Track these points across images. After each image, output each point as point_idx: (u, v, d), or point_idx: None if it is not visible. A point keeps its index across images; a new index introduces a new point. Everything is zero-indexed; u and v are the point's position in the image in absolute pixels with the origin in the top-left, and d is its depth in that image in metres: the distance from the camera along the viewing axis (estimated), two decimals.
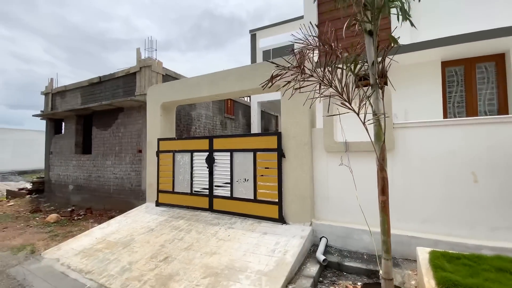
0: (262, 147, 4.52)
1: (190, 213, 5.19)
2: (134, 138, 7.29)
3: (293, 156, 4.24)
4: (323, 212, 4.15)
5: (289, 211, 4.24)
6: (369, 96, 2.24)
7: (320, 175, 4.19)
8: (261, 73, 4.59)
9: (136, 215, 5.42)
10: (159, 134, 5.97)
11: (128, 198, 7.27)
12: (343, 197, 4.00)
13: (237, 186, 4.78)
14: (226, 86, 5.02)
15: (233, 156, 4.85)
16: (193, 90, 5.47)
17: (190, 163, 5.41)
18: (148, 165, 6.11)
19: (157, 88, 6.08)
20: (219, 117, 10.24)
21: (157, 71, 7.13)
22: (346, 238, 3.87)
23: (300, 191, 4.17)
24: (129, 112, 7.41)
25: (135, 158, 7.24)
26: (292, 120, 4.28)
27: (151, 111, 6.13)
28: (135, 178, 7.20)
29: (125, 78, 7.62)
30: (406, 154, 3.65)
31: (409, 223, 3.61)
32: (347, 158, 3.88)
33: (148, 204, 5.98)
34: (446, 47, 4.70)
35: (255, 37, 11.71)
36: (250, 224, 4.40)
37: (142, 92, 7.10)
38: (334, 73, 2.32)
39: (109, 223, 5.13)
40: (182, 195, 5.47)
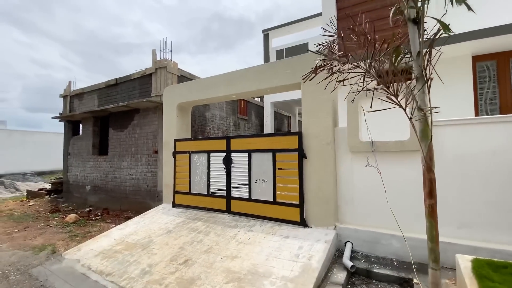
0: (282, 147, 4.38)
1: (207, 214, 5.10)
2: (150, 139, 7.31)
3: (315, 157, 4.07)
4: (347, 215, 3.95)
5: (311, 214, 4.07)
6: (412, 90, 2.05)
7: (343, 176, 4.00)
8: (280, 71, 4.47)
9: (153, 216, 5.39)
10: (176, 135, 5.93)
11: (144, 199, 7.28)
12: (369, 200, 3.80)
13: (256, 188, 4.65)
14: (244, 85, 4.92)
15: (251, 157, 4.73)
16: (209, 90, 5.40)
17: (207, 164, 5.34)
18: (164, 166, 6.09)
19: (173, 89, 6.05)
20: (233, 118, 10.17)
21: (172, 72, 7.13)
22: (373, 243, 3.66)
23: (323, 193, 4.00)
24: (145, 113, 7.44)
25: (151, 159, 7.25)
26: (314, 119, 4.12)
27: (167, 112, 6.11)
28: (151, 179, 7.21)
29: (141, 80, 7.66)
30: (441, 154, 3.41)
31: (443, 228, 3.35)
32: (375, 158, 3.68)
33: (164, 205, 5.95)
34: (477, 41, 4.42)
35: (268, 36, 11.59)
36: (269, 227, 4.26)
37: (157, 93, 7.11)
38: (380, 64, 2.16)
39: (127, 224, 5.11)
40: (198, 196, 5.40)
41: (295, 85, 4.43)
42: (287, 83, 4.42)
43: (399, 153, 3.61)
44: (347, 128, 3.95)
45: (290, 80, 4.39)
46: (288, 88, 4.61)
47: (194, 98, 5.65)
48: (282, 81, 4.48)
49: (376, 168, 3.62)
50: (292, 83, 4.38)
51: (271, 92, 4.92)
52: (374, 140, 3.73)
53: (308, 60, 4.21)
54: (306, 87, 4.20)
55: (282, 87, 4.58)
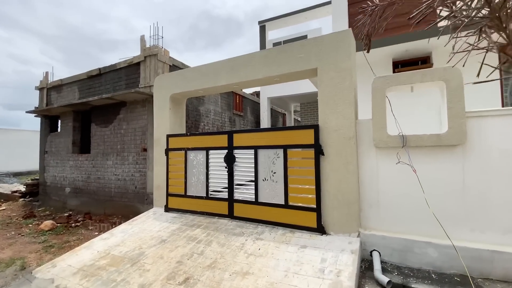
0: (295, 143, 3.82)
1: (206, 220, 4.48)
2: (138, 135, 6.57)
3: (335, 153, 3.54)
4: (371, 220, 3.45)
5: (330, 219, 3.55)
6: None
7: (367, 176, 3.49)
8: (292, 56, 3.91)
9: (143, 222, 4.70)
10: (168, 130, 5.25)
11: (132, 202, 6.54)
12: (399, 202, 3.31)
13: (263, 189, 4.07)
14: (248, 72, 4.32)
15: (258, 154, 4.14)
16: (207, 78, 4.76)
17: (205, 162, 4.70)
18: (156, 165, 5.39)
19: (166, 78, 5.36)
20: (228, 114, 9.54)
21: (163, 60, 6.41)
22: (404, 252, 3.17)
23: (344, 196, 3.47)
24: (133, 106, 6.68)
25: (140, 158, 6.51)
26: (332, 109, 3.58)
27: (158, 104, 5.41)
28: (140, 179, 6.47)
29: (128, 69, 6.89)
30: (482, 150, 2.96)
31: (487, 234, 2.92)
32: (407, 154, 3.19)
33: (155, 209, 5.26)
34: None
35: (264, 28, 11.01)
36: (281, 234, 3.70)
37: (147, 84, 6.38)
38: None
39: (112, 233, 4.40)
40: (196, 199, 4.76)
41: (309, 71, 3.88)
42: (300, 69, 3.86)
43: (434, 148, 3.13)
44: (372, 120, 3.44)
45: (303, 65, 3.84)
46: (301, 75, 4.06)
47: (190, 88, 4.99)
48: (294, 67, 3.91)
49: (410, 165, 3.13)
50: (306, 69, 3.83)
51: (280, 80, 4.34)
52: (404, 134, 3.24)
53: (326, 43, 3.67)
54: (324, 73, 3.66)
55: (293, 74, 4.02)
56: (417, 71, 3.23)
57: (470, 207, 2.98)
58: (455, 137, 3.00)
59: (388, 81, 3.36)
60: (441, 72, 3.09)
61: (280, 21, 10.79)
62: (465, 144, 3.01)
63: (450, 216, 3.04)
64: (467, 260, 2.87)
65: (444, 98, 3.17)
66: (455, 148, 3.06)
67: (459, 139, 2.99)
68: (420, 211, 3.17)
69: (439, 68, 3.12)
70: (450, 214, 3.04)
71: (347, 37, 3.55)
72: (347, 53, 3.53)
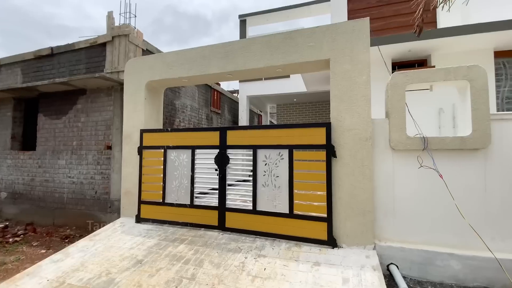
0: (303, 143, 3.34)
1: (191, 233, 3.75)
2: (101, 130, 5.49)
3: (349, 156, 3.14)
4: (387, 230, 3.12)
5: (342, 230, 3.13)
6: None
7: (381, 181, 3.16)
8: (301, 44, 3.44)
9: (108, 237, 3.78)
10: (143, 125, 4.38)
11: (90, 210, 5.43)
12: (417, 211, 3.02)
13: (263, 196, 3.51)
14: (247, 60, 3.73)
15: (257, 155, 3.57)
16: (195, 65, 4.05)
17: (190, 163, 3.97)
18: (125, 166, 4.47)
19: (141, 62, 4.48)
20: (205, 110, 8.76)
21: (136, 43, 5.46)
22: (425, 264, 2.89)
23: (358, 203, 3.09)
24: (95, 95, 5.58)
25: (102, 157, 5.44)
26: (347, 106, 3.19)
27: (130, 93, 4.50)
28: (101, 183, 5.41)
29: (90, 51, 5.75)
30: (506, 154, 2.81)
31: (506, 243, 2.76)
32: (431, 158, 2.91)
33: (124, 220, 4.34)
34: (498, 34, 4.09)
35: (245, 23, 10.46)
36: (286, 249, 3.18)
37: (114, 69, 5.36)
38: None
39: (68, 252, 3.42)
40: (177, 207, 3.99)
41: (320, 62, 3.44)
42: (310, 59, 3.41)
43: (457, 152, 2.91)
44: (390, 120, 3.12)
45: (313, 55, 3.39)
46: (309, 66, 3.61)
47: (172, 75, 4.21)
48: (302, 56, 3.44)
49: (435, 170, 2.86)
50: (316, 59, 3.38)
51: (283, 71, 3.84)
52: (425, 136, 2.97)
53: (340, 31, 3.27)
54: (338, 66, 3.25)
55: (300, 65, 3.54)
56: (441, 68, 3.00)
57: (491, 215, 2.80)
58: (480, 140, 2.81)
59: (408, 77, 3.07)
60: (466, 70, 2.89)
61: (261, 17, 10.35)
62: (488, 148, 2.83)
63: (472, 224, 2.83)
64: (491, 272, 2.69)
65: (465, 98, 2.98)
66: (477, 152, 2.87)
67: (483, 142, 2.80)
68: (441, 220, 2.92)
69: (463, 66, 2.92)
70: (471, 222, 2.84)
71: (364, 27, 3.19)
72: (364, 44, 3.17)
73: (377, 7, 4.82)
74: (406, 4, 4.57)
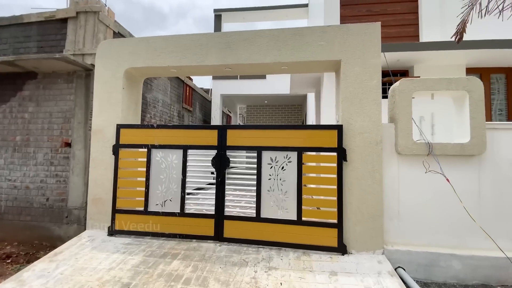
0: (312, 145, 3.17)
1: (182, 245, 3.27)
2: (56, 123, 4.52)
3: (360, 159, 3.09)
4: (392, 234, 3.14)
5: (352, 236, 3.05)
6: None
7: (387, 185, 3.18)
8: (312, 42, 3.29)
9: (75, 255, 3.05)
10: (119, 119, 3.71)
11: (39, 222, 4.41)
12: (420, 213, 3.11)
13: (268, 201, 3.24)
14: (252, 54, 3.43)
15: (261, 157, 3.28)
16: (189, 54, 3.58)
17: (181, 165, 3.47)
18: (94, 168, 3.72)
19: (119, 45, 3.79)
20: (177, 107, 8.07)
21: (106, 23, 4.66)
22: (429, 266, 2.98)
23: (368, 208, 3.05)
24: (49, 80, 4.58)
25: (57, 156, 4.49)
26: (358, 109, 3.13)
27: (104, 81, 3.77)
28: (56, 188, 4.45)
29: (44, 27, 4.70)
30: (496, 161, 3.07)
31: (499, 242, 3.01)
32: (437, 163, 3.02)
33: (92, 233, 3.59)
34: (469, 52, 4.59)
35: (220, 19, 10.02)
36: (295, 258, 2.96)
37: (78, 51, 4.47)
38: None
39: (22, 280, 2.63)
40: (164, 216, 3.44)
41: (329, 63, 3.34)
42: (320, 58, 3.27)
43: (456, 157, 3.08)
44: (398, 125, 3.17)
45: (324, 55, 3.26)
46: (317, 66, 3.47)
47: (160, 63, 3.65)
48: (312, 55, 3.29)
49: (442, 174, 2.97)
50: (326, 59, 3.27)
51: (288, 70, 3.63)
52: (430, 141, 3.08)
53: (352, 33, 3.21)
54: (349, 68, 3.18)
55: (309, 63, 3.39)
56: (444, 78, 3.15)
57: (485, 217, 3.02)
58: (477, 147, 3.01)
59: (415, 84, 3.16)
60: (465, 82, 3.09)
61: (238, 14, 10.04)
62: (482, 155, 3.06)
63: (466, 227, 3.02)
64: (487, 269, 2.89)
65: (462, 108, 3.18)
66: (472, 158, 3.08)
67: (480, 149, 3.01)
68: (443, 222, 3.06)
69: (463, 77, 3.11)
70: (466, 225, 3.02)
71: (376, 31, 3.20)
72: (376, 48, 3.17)
73: (366, 16, 5.00)
74: (393, 16, 4.80)
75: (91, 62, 4.41)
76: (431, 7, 4.86)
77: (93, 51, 4.43)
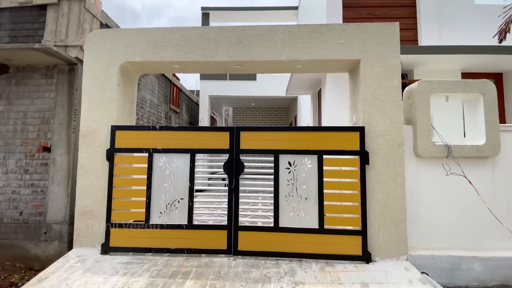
0: (333, 148, 3.01)
1: (191, 261, 2.91)
2: (33, 124, 3.92)
3: (382, 163, 2.98)
4: (413, 238, 3.07)
5: (375, 243, 2.91)
6: None
7: (407, 188, 3.11)
8: (330, 39, 3.15)
9: (65, 281, 2.57)
10: (113, 119, 3.27)
11: (12, 239, 3.77)
12: (439, 216, 3.08)
13: (286, 209, 3.00)
14: (266, 50, 3.19)
15: (279, 161, 3.04)
16: (196, 48, 3.26)
17: (188, 171, 3.12)
18: (83, 176, 3.23)
19: (113, 36, 3.36)
20: (164, 108, 7.57)
21: (93, 12, 4.15)
22: (452, 270, 2.93)
23: (391, 213, 2.94)
24: (24, 75, 3.96)
25: (33, 162, 3.88)
26: (380, 111, 3.03)
27: (95, 76, 3.31)
28: (31, 199, 3.84)
29: (19, 14, 4.07)
30: (509, 162, 3.13)
31: None
32: (458, 165, 3.00)
33: (81, 252, 3.09)
34: (464, 56, 4.75)
35: (208, 17, 9.67)
36: (319, 270, 2.75)
37: (60, 42, 3.93)
38: None
39: None
40: (169, 229, 3.06)
41: (348, 62, 3.21)
42: (339, 57, 3.13)
43: (472, 159, 3.09)
44: (416, 127, 3.12)
45: (343, 54, 3.13)
46: (334, 65, 3.33)
47: (162, 57, 3.28)
48: (330, 53, 3.14)
49: (464, 176, 2.95)
50: (345, 58, 3.13)
51: (302, 69, 3.45)
52: (449, 144, 3.06)
53: (371, 33, 3.12)
54: (369, 68, 3.07)
55: (326, 62, 3.23)
56: (460, 81, 3.17)
57: (499, 216, 3.05)
58: (492, 149, 3.04)
59: (433, 86, 3.14)
60: (480, 84, 3.12)
61: (226, 13, 9.75)
62: (496, 157, 3.10)
63: (485, 226, 3.04)
64: (504, 270, 2.91)
65: (477, 110, 3.21)
66: (487, 159, 3.11)
67: (494, 150, 3.05)
68: (461, 224, 3.04)
69: (477, 80, 3.14)
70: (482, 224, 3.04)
71: (395, 31, 3.13)
72: (395, 49, 3.10)
73: (368, 18, 5.02)
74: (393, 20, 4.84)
75: (76, 55, 3.89)
76: (429, 13, 5.01)
77: (78, 43, 3.92)
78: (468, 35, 4.99)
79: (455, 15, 5.02)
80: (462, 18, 5.06)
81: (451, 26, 4.97)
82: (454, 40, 4.83)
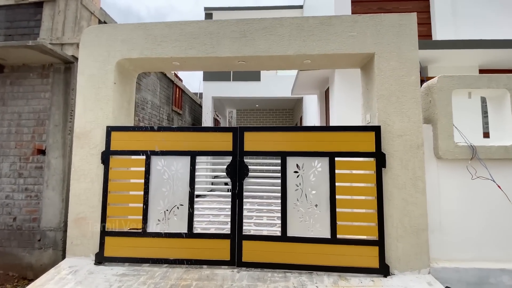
0: (346, 150, 2.75)
1: (192, 273, 2.67)
2: (27, 125, 3.76)
3: (400, 165, 2.71)
4: (434, 249, 2.78)
5: (394, 254, 2.64)
6: None
7: (428, 193, 2.83)
8: (341, 32, 2.90)
9: None
10: (110, 120, 3.07)
11: (5, 247, 3.59)
12: (464, 225, 2.79)
13: (295, 217, 2.75)
14: (272, 44, 2.97)
15: (286, 164, 2.80)
16: (197, 44, 3.05)
17: (188, 175, 2.89)
18: (76, 180, 3.03)
19: (109, 31, 3.17)
20: (166, 109, 7.39)
21: (91, 9, 3.99)
22: (479, 284, 2.63)
23: (411, 221, 2.66)
24: (19, 74, 3.81)
25: (28, 166, 3.71)
26: (396, 108, 2.77)
27: (90, 74, 3.12)
28: (25, 205, 3.65)
29: (14, 11, 3.93)
30: None
31: None
32: (485, 168, 2.71)
33: (74, 262, 2.87)
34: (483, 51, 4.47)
35: (211, 17, 9.52)
36: (332, 284, 2.49)
37: (56, 40, 3.76)
38: None
39: None
40: (167, 238, 2.83)
41: (361, 56, 2.96)
42: (351, 51, 2.88)
43: (499, 161, 2.80)
44: (437, 126, 2.84)
45: (356, 47, 2.88)
46: (345, 60, 3.08)
47: (161, 53, 3.08)
48: (342, 47, 2.89)
49: (492, 180, 2.66)
50: (358, 52, 2.88)
51: (311, 64, 3.21)
52: (473, 144, 2.78)
53: (386, 24, 2.87)
54: (384, 62, 2.82)
55: (337, 57, 2.99)
56: (484, 75, 2.89)
57: None
58: None
59: (454, 82, 2.86)
60: (506, 80, 2.84)
61: (229, 13, 9.59)
62: None
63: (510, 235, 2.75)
64: None
65: (502, 108, 2.93)
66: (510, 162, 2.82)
67: None
68: (488, 233, 2.75)
69: (503, 75, 2.87)
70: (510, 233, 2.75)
71: (412, 22, 2.87)
72: (412, 41, 2.84)
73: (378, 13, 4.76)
74: None
75: (72, 54, 3.72)
76: (443, 6, 4.73)
77: (75, 41, 3.75)
78: (486, 30, 4.69)
79: (471, 9, 4.74)
80: (479, 11, 4.78)
81: (467, 20, 4.68)
82: (471, 35, 4.54)
